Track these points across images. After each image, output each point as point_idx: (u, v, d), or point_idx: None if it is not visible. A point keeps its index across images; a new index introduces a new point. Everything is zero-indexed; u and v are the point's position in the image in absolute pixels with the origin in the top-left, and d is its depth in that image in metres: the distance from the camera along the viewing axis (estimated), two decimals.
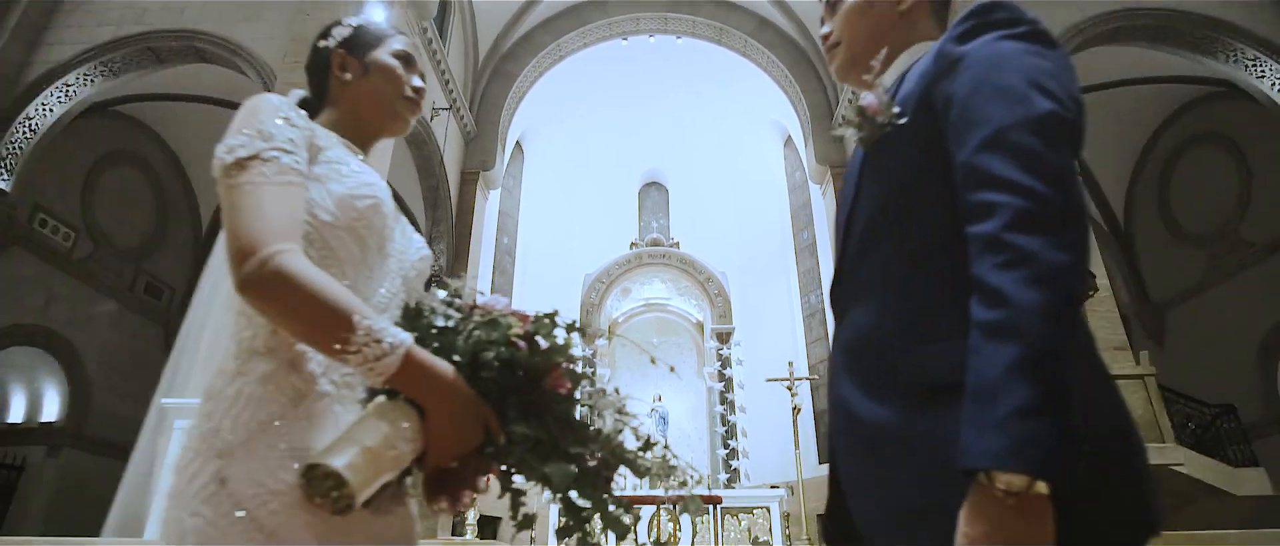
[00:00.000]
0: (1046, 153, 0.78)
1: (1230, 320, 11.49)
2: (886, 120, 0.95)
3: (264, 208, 0.90)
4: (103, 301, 11.73)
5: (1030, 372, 0.70)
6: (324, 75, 1.21)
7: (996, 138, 0.80)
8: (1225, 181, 11.60)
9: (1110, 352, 8.12)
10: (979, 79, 0.85)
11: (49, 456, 10.91)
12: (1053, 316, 0.72)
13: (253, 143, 0.97)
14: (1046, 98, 0.82)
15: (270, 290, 0.87)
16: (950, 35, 0.95)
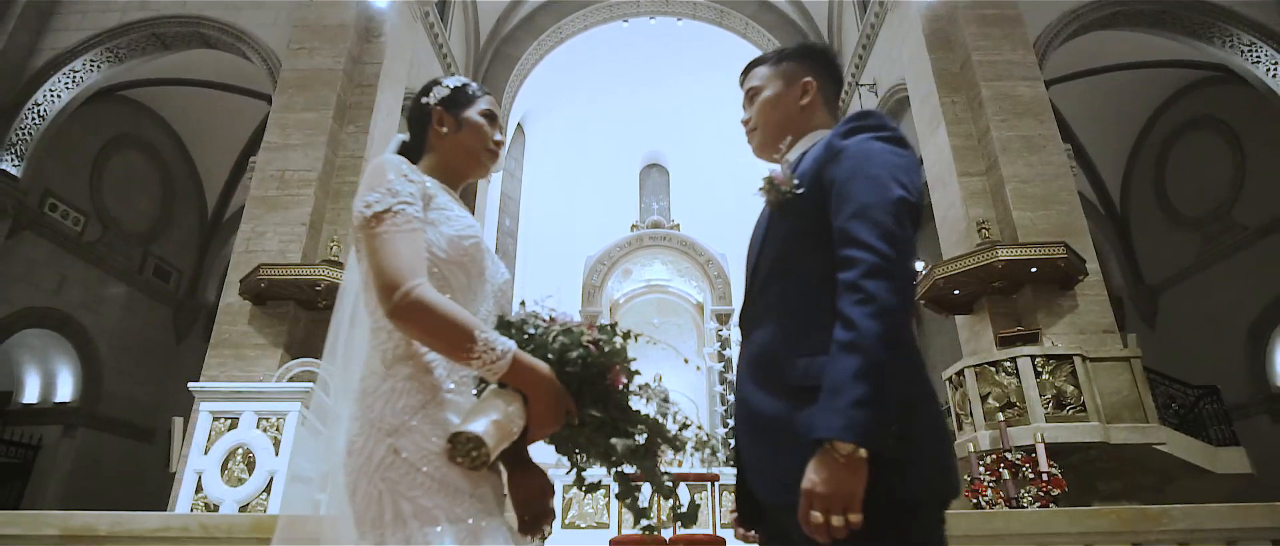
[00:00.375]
0: (895, 227, 1.09)
1: (1221, 302, 11.76)
2: (788, 190, 1.23)
3: (401, 251, 1.17)
4: (113, 284, 12.01)
5: (864, 378, 1.02)
6: (424, 126, 1.46)
7: (862, 212, 1.09)
8: (1220, 165, 11.80)
9: (1099, 336, 8.40)
10: (854, 168, 1.14)
11: (64, 435, 11.26)
12: (885, 341, 1.03)
13: (385, 199, 1.22)
14: (899, 187, 1.14)
15: (413, 315, 1.15)
16: (837, 131, 1.27)
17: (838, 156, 1.21)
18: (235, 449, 4.70)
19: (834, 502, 1.00)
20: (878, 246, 1.08)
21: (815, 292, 1.16)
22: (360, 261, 1.26)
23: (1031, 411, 7.49)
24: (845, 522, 0.99)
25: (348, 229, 9.35)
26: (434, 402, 1.18)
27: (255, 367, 8.38)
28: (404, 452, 1.12)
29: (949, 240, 9.63)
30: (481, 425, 1.09)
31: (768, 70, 1.49)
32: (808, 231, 1.23)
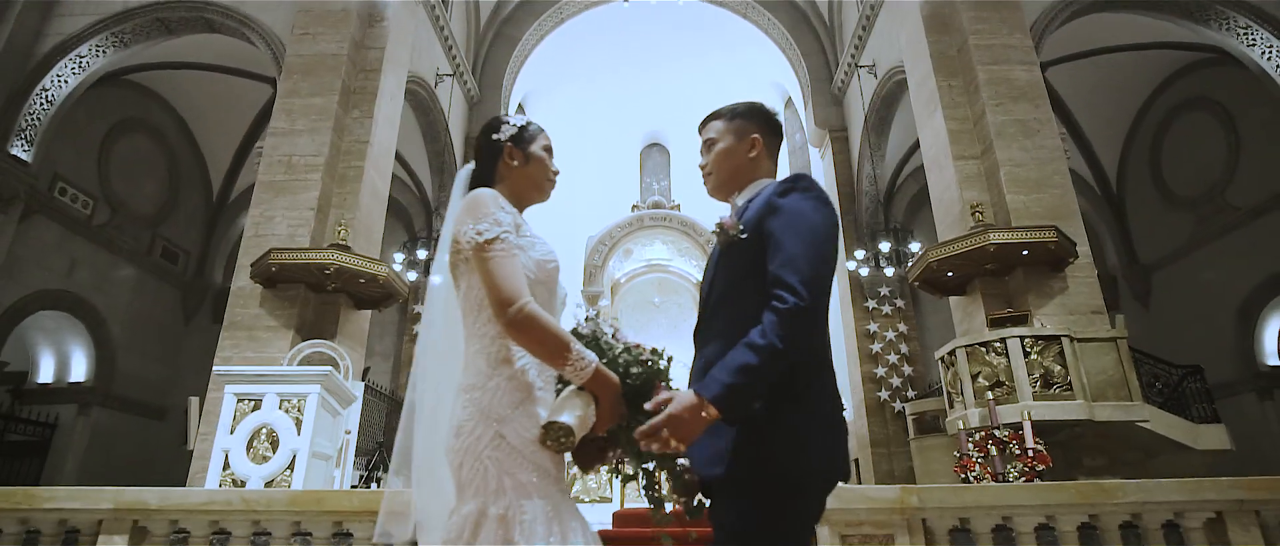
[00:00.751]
0: (812, 275, 1.36)
1: (1212, 282, 12.03)
2: (735, 234, 1.51)
3: (511, 272, 1.45)
4: (123, 266, 12.29)
5: (746, 373, 1.33)
6: (495, 159, 1.73)
7: (790, 262, 1.37)
8: (1214, 147, 11.99)
9: (1088, 316, 8.68)
10: (787, 223, 1.43)
11: (80, 414, 11.62)
12: (776, 360, 1.34)
13: (493, 228, 1.49)
14: (824, 242, 1.45)
15: (525, 327, 1.42)
16: (775, 190, 1.57)
17: (776, 211, 1.52)
18: (259, 428, 5.02)
19: (678, 430, 1.36)
20: (799, 291, 1.39)
21: (752, 320, 1.44)
22: (461, 278, 1.52)
23: (1020, 390, 7.77)
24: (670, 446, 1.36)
25: (355, 213, 9.61)
26: (530, 399, 1.47)
27: (267, 349, 8.67)
28: (509, 438, 1.40)
29: (944, 222, 9.87)
30: (569, 418, 1.38)
31: (722, 125, 1.78)
32: (749, 273, 1.53)
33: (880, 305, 12.73)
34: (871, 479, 11.78)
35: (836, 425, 1.45)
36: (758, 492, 1.34)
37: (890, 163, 13.41)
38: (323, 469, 5.16)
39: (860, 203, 13.44)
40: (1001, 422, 7.35)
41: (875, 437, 12.06)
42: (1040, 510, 3.24)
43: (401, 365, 12.99)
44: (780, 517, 1.34)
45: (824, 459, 1.38)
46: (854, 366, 12.79)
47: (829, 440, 1.41)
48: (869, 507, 3.18)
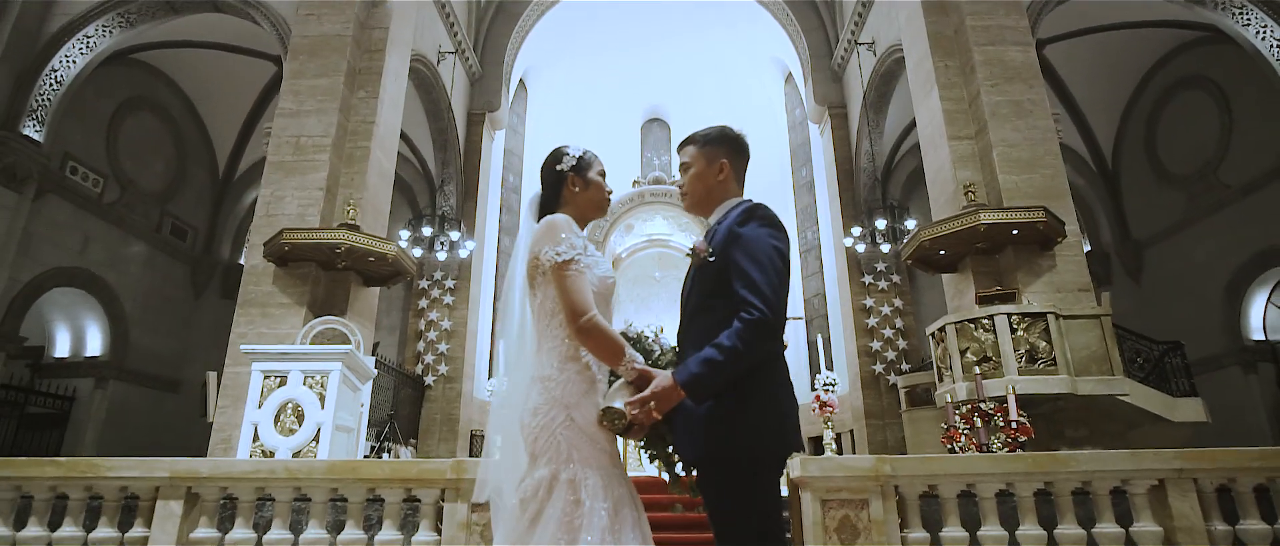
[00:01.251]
0: (770, 292, 1.70)
1: (1202, 258, 12.39)
2: (706, 255, 1.86)
3: (582, 288, 1.82)
4: (133, 243, 12.64)
5: (712, 366, 1.68)
6: (559, 187, 2.08)
7: (752, 283, 1.71)
8: (1208, 125, 12.24)
9: (1074, 294, 9.03)
10: (747, 251, 1.77)
11: (97, 388, 12.08)
12: (737, 357, 1.69)
13: (568, 251, 1.85)
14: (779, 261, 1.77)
15: (591, 334, 1.80)
16: (736, 219, 1.90)
17: (737, 240, 1.86)
18: (285, 403, 5.42)
19: (658, 402, 1.75)
20: (760, 307, 1.73)
21: (723, 326, 1.78)
22: (537, 289, 1.90)
23: (1006, 365, 8.17)
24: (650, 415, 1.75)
25: (362, 192, 9.93)
26: (592, 390, 1.85)
27: (280, 325, 9.05)
28: (577, 420, 1.78)
29: (938, 201, 10.19)
30: (621, 402, 1.76)
31: (694, 150, 2.10)
32: (717, 290, 1.87)
33: (876, 280, 13.09)
34: (866, 448, 12.26)
35: (788, 412, 1.81)
36: (727, 468, 1.72)
37: (888, 139, 13.66)
38: (345, 440, 5.58)
39: (858, 179, 13.72)
40: (987, 396, 7.75)
41: (870, 409, 12.52)
42: (1000, 478, 3.64)
43: (407, 339, 13.41)
44: (746, 485, 1.71)
45: (776, 440, 1.75)
46: (850, 340, 13.20)
47: (781, 424, 1.77)
48: (847, 476, 3.58)
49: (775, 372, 1.79)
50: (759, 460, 1.71)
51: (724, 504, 1.72)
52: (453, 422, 12.79)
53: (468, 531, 3.55)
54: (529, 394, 1.84)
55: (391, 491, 3.68)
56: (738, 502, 1.71)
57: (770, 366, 1.77)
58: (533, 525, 1.70)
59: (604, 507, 1.70)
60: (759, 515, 1.71)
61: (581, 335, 1.79)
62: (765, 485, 1.72)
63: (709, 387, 1.69)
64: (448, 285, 13.35)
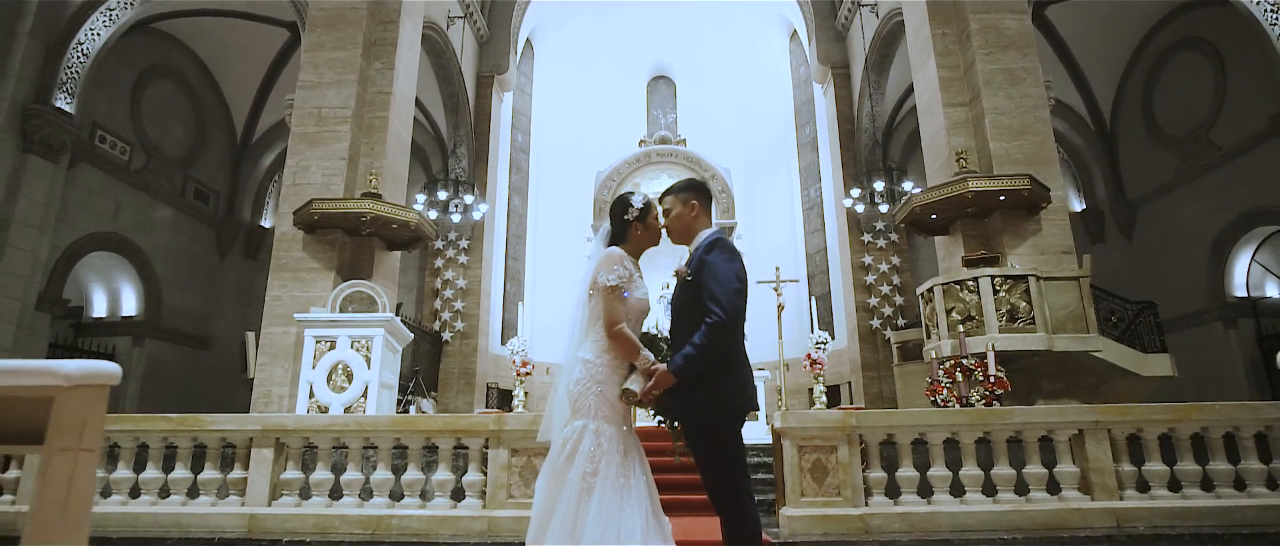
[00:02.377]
0: (728, 304, 2.49)
1: (1190, 218, 13.05)
2: (686, 276, 2.63)
3: (617, 307, 2.60)
4: (160, 208, 13.46)
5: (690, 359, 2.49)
6: (625, 228, 2.81)
7: (714, 297, 2.50)
8: (1203, 87, 12.73)
9: (1057, 256, 9.77)
10: (711, 272, 2.55)
11: (134, 346, 13.07)
12: (705, 351, 2.50)
13: (616, 279, 2.62)
14: (734, 282, 2.53)
15: (618, 338, 2.59)
16: (704, 249, 2.67)
17: (705, 265, 2.64)
18: (336, 364, 6.30)
19: (658, 386, 2.52)
20: (718, 313, 2.50)
21: (695, 328, 2.56)
22: (593, 299, 2.67)
23: (987, 323, 8.95)
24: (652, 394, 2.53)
25: (382, 161, 10.65)
26: (616, 373, 2.63)
27: (312, 288, 9.91)
28: (604, 392, 2.58)
29: (932, 166, 10.85)
30: (634, 386, 2.56)
31: (673, 199, 2.86)
32: (693, 300, 2.63)
33: (875, 239, 13.82)
34: (862, 399, 13.20)
35: (745, 384, 2.61)
36: (704, 426, 2.53)
37: (889, 100, 14.20)
38: (389, 396, 6.48)
39: (859, 139, 14.32)
40: (969, 352, 8.57)
41: (866, 362, 13.42)
42: (947, 428, 4.49)
43: (424, 297, 14.30)
44: (715, 437, 2.53)
45: (736, 406, 2.56)
46: (849, 296, 14.01)
47: (739, 394, 2.58)
48: (819, 426, 4.44)
49: (736, 358, 2.58)
50: (723, 420, 2.53)
51: (702, 450, 2.55)
52: (469, 376, 13.77)
53: (508, 472, 4.45)
54: (574, 369, 2.66)
55: (444, 440, 4.57)
56: (711, 448, 2.53)
57: (731, 354, 2.55)
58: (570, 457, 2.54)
59: (618, 449, 2.54)
60: (727, 454, 2.53)
61: (612, 338, 2.60)
62: (730, 436, 2.54)
63: (690, 373, 2.49)
64: (462, 245, 14.16)
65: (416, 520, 4.37)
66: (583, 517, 2.41)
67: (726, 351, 2.55)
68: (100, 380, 1.59)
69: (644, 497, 2.52)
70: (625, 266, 2.68)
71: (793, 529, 4.30)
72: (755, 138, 17.80)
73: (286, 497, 4.54)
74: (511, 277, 15.94)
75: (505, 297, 15.52)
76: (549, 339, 15.15)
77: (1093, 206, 14.99)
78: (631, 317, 2.67)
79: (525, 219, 16.75)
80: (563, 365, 2.77)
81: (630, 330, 2.63)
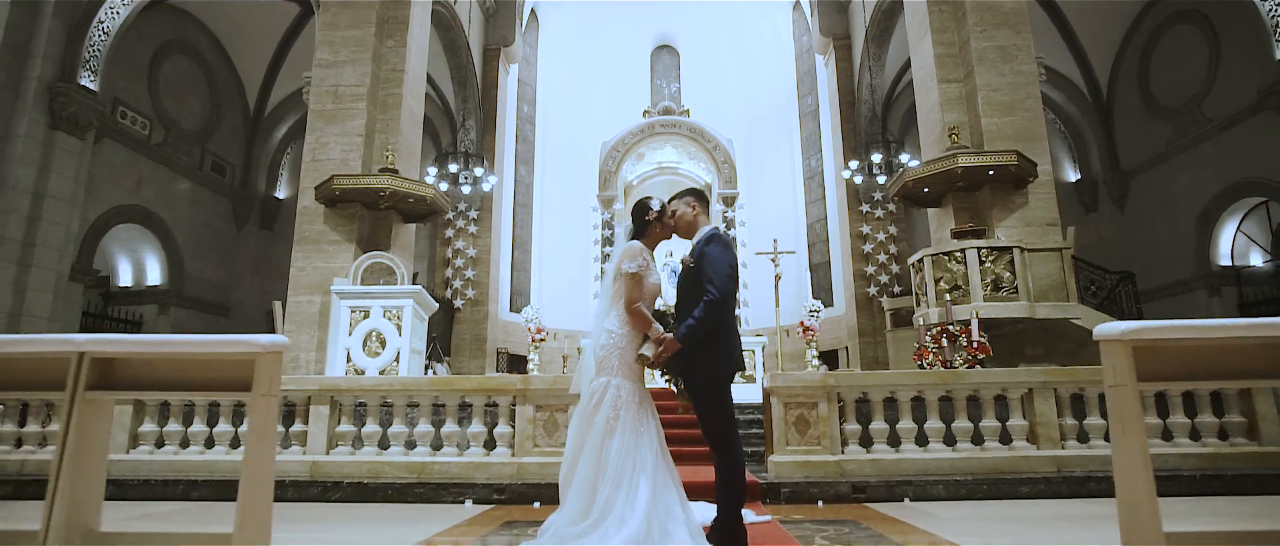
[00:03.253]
0: (722, 284, 3.26)
1: (1181, 188, 13.70)
2: (690, 263, 3.38)
3: (634, 290, 3.34)
4: (180, 180, 14.19)
5: (691, 328, 3.24)
6: (645, 226, 3.53)
7: (710, 279, 3.25)
8: (1197, 60, 13.27)
9: (1042, 228, 10.45)
10: (708, 260, 3.30)
11: (160, 313, 13.93)
12: (703, 323, 3.27)
13: (636, 267, 3.35)
14: (725, 268, 3.29)
15: (634, 314, 3.33)
16: (703, 241, 3.41)
17: (703, 255, 3.35)
18: (370, 332, 7.10)
19: (665, 351, 3.25)
20: (712, 295, 3.22)
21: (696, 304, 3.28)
22: (616, 281, 3.39)
23: (973, 292, 9.68)
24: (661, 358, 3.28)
25: (397, 137, 11.33)
26: (633, 341, 3.36)
27: (334, 260, 10.67)
28: (623, 355, 3.32)
29: (927, 140, 11.50)
30: (648, 352, 3.30)
31: (680, 202, 3.59)
32: (694, 284, 3.33)
33: (873, 209, 14.51)
34: (858, 362, 14.02)
35: (734, 350, 3.36)
36: (701, 385, 3.29)
37: (889, 73, 14.75)
38: (418, 360, 7.29)
39: (859, 111, 14.91)
40: (955, 320, 9.32)
41: (862, 328, 14.20)
42: (914, 387, 5.28)
43: (436, 266, 15.09)
44: (710, 392, 3.30)
45: (726, 367, 3.31)
46: (847, 265, 14.75)
47: (729, 359, 3.33)
48: (803, 386, 5.23)
49: (727, 329, 3.33)
50: (715, 379, 3.29)
51: (700, 402, 3.31)
52: (480, 342, 14.62)
53: (533, 425, 5.26)
54: (600, 336, 3.42)
55: (477, 398, 5.38)
56: (707, 401, 3.30)
57: (724, 326, 3.30)
58: (597, 406, 3.32)
59: (634, 401, 3.31)
60: (720, 406, 3.30)
61: (630, 314, 3.34)
62: (722, 391, 3.31)
63: (691, 341, 3.24)
64: (471, 216, 14.89)
65: (455, 466, 5.20)
66: (607, 451, 3.19)
67: (721, 323, 3.30)
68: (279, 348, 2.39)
69: (654, 438, 3.30)
70: (644, 257, 3.42)
71: (779, 472, 5.12)
72: (758, 107, 18.35)
73: (342, 447, 5.37)
74: (519, 246, 16.70)
75: (513, 265, 16.30)
76: (556, 305, 15.98)
77: (1087, 177, 15.62)
78: (646, 297, 3.41)
79: (531, 188, 17.42)
80: (590, 333, 3.53)
81: (645, 307, 3.37)
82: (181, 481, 5.20)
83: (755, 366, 10.21)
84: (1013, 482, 4.94)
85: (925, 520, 4.12)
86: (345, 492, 5.03)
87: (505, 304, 15.82)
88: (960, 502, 4.77)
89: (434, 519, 4.36)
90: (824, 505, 4.75)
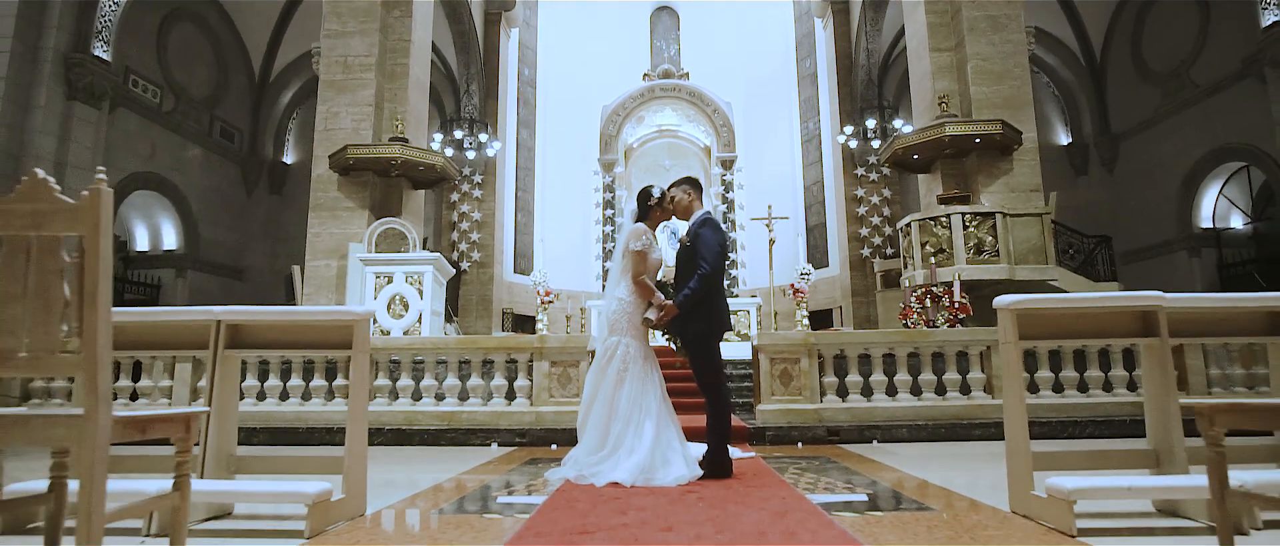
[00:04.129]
0: (712, 260, 4.06)
1: (1167, 153, 14.39)
2: (686, 242, 4.17)
3: (640, 265, 4.13)
4: (191, 147, 14.85)
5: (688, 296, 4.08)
6: (647, 210, 4.32)
7: (704, 255, 4.08)
8: (1187, 26, 13.82)
9: (1026, 194, 11.18)
10: (702, 241, 4.11)
11: (178, 277, 14.74)
12: (697, 292, 4.12)
13: (641, 246, 4.15)
14: (716, 246, 4.09)
15: (639, 284, 4.15)
16: (697, 224, 4.23)
17: (698, 236, 4.14)
18: (394, 296, 7.90)
19: (665, 315, 4.09)
20: (705, 268, 4.00)
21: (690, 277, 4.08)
22: (624, 257, 4.17)
23: (956, 255, 10.45)
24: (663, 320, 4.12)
25: (405, 106, 11.97)
26: (640, 307, 4.15)
27: (349, 225, 11.42)
28: (631, 318, 4.12)
29: (918, 108, 12.17)
30: (652, 315, 4.10)
31: (678, 190, 4.35)
32: (690, 260, 4.12)
33: (867, 173, 15.20)
34: (851, 321, 14.88)
35: (722, 312, 4.15)
36: (695, 341, 4.09)
37: (886, 38, 15.29)
38: (437, 322, 8.11)
39: (856, 75, 15.49)
40: (939, 281, 10.12)
41: (855, 288, 15.03)
42: (885, 345, 6.11)
43: (442, 229, 15.83)
44: (702, 347, 4.10)
45: (717, 326, 4.10)
46: (842, 227, 15.51)
47: (719, 320, 4.12)
48: (787, 344, 6.05)
49: (716, 295, 4.12)
50: (707, 336, 4.10)
51: (694, 356, 4.12)
52: (486, 303, 15.45)
53: (549, 378, 6.11)
54: (611, 303, 4.22)
55: (499, 355, 6.22)
56: (700, 356, 4.11)
57: (714, 293, 4.09)
58: (609, 360, 4.13)
59: (641, 356, 4.13)
60: (710, 359, 4.11)
61: (636, 284, 4.12)
62: (713, 347, 4.11)
63: (687, 306, 4.04)
64: (476, 180, 15.58)
65: (481, 414, 6.06)
66: (618, 397, 4.02)
67: (712, 290, 4.09)
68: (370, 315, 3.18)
69: (658, 387, 4.12)
70: (648, 237, 4.20)
71: (765, 419, 5.98)
72: (757, 70, 18.86)
73: (380, 399, 6.22)
74: (521, 208, 17.41)
75: (516, 227, 17.04)
76: (559, 266, 16.77)
77: (1079, 140, 16.28)
78: (650, 271, 4.20)
79: (533, 151, 18.05)
80: (604, 300, 4.33)
81: (649, 279, 4.16)
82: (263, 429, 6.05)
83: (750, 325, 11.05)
84: (968, 427, 5.80)
85: (883, 456, 4.99)
86: (386, 437, 5.89)
87: (509, 266, 16.60)
88: (921, 444, 5.64)
89: (468, 458, 5.23)
90: (803, 446, 5.61)
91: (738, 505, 3.15)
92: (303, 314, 3.23)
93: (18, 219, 1.90)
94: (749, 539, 2.51)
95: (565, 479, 3.93)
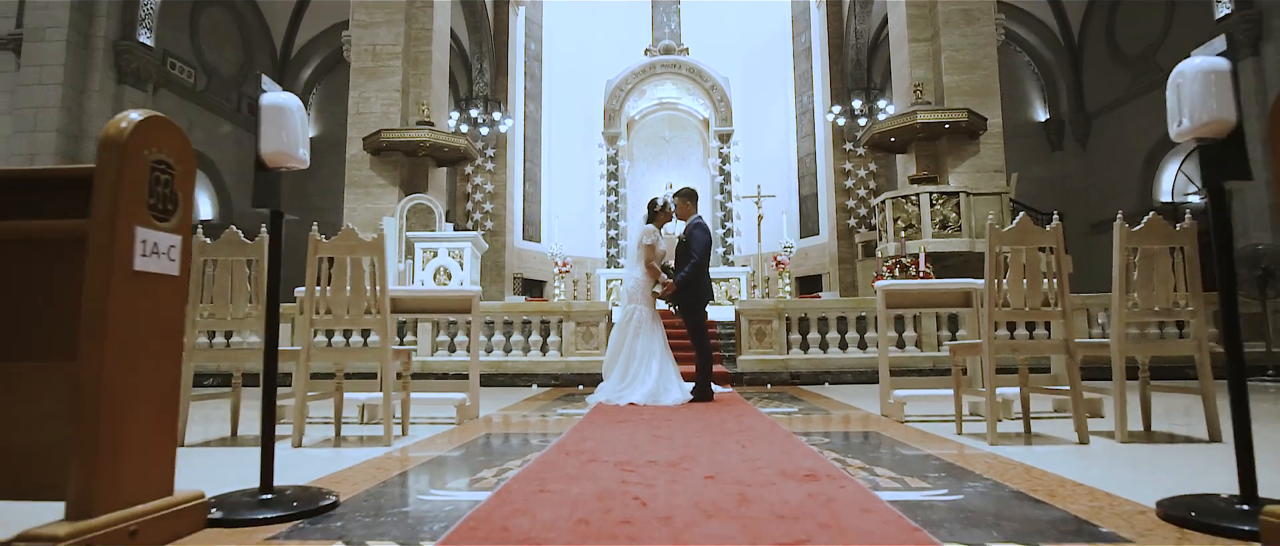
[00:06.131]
0: (699, 256, 6.20)
1: (1133, 132, 16.38)
2: (682, 239, 6.30)
3: (649, 255, 6.27)
4: (223, 124, 16.80)
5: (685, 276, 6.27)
6: (654, 215, 6.44)
7: (692, 250, 6.22)
8: (1157, 12, 15.70)
9: (990, 174, 13.25)
10: (693, 239, 6.27)
11: None
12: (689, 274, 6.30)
13: (650, 240, 6.29)
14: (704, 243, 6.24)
15: (649, 268, 6.29)
16: (691, 227, 6.41)
17: (691, 236, 6.24)
18: (438, 268, 9.99)
19: (667, 290, 6.24)
20: (695, 258, 6.11)
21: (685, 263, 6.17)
22: (639, 248, 6.28)
23: (923, 230, 12.51)
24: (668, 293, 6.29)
25: (429, 92, 13.91)
26: (650, 284, 6.24)
27: (380, 201, 13.47)
28: (645, 292, 6.23)
29: (898, 94, 14.14)
30: (659, 289, 6.22)
31: (678, 200, 6.45)
32: (684, 251, 6.22)
33: (855, 149, 17.18)
34: (837, 287, 17.00)
35: (707, 287, 6.25)
36: (687, 308, 6.20)
37: (875, 20, 17.13)
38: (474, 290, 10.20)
39: (846, 55, 17.36)
40: (908, 252, 12.20)
41: (841, 256, 17.13)
42: (841, 310, 8.24)
43: (456, 200, 17.84)
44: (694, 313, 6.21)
45: (703, 297, 6.20)
46: (831, 199, 17.54)
47: (704, 292, 6.21)
48: (762, 309, 8.18)
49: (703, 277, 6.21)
50: (696, 303, 6.20)
51: (688, 319, 6.24)
52: (499, 269, 17.54)
53: (576, 335, 8.24)
54: (629, 280, 6.32)
55: (535, 317, 8.34)
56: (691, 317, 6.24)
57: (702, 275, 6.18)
58: (627, 322, 6.26)
59: (650, 319, 6.26)
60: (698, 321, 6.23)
61: (646, 268, 6.21)
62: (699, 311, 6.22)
63: (683, 283, 6.13)
64: (488, 153, 17.56)
65: (521, 363, 8.22)
66: (633, 347, 6.17)
67: (699, 273, 6.17)
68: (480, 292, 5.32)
69: (662, 340, 6.24)
70: (655, 234, 6.29)
71: (743, 366, 8.13)
72: (755, 43, 20.67)
73: (441, 351, 8.34)
74: (529, 178, 19.40)
75: (525, 197, 19.06)
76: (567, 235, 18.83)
77: (1055, 116, 18.24)
78: (657, 257, 6.28)
79: (540, 124, 19.97)
80: (625, 276, 6.43)
81: (656, 264, 6.24)
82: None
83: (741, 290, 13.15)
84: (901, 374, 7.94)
85: (828, 392, 7.16)
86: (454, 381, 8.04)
87: (520, 233, 18.66)
88: (861, 385, 7.80)
89: (516, 394, 7.39)
90: (771, 387, 7.77)
91: (714, 413, 5.31)
92: (438, 291, 5.34)
93: (341, 248, 3.98)
94: (716, 425, 4.65)
95: (599, 401, 6.08)
